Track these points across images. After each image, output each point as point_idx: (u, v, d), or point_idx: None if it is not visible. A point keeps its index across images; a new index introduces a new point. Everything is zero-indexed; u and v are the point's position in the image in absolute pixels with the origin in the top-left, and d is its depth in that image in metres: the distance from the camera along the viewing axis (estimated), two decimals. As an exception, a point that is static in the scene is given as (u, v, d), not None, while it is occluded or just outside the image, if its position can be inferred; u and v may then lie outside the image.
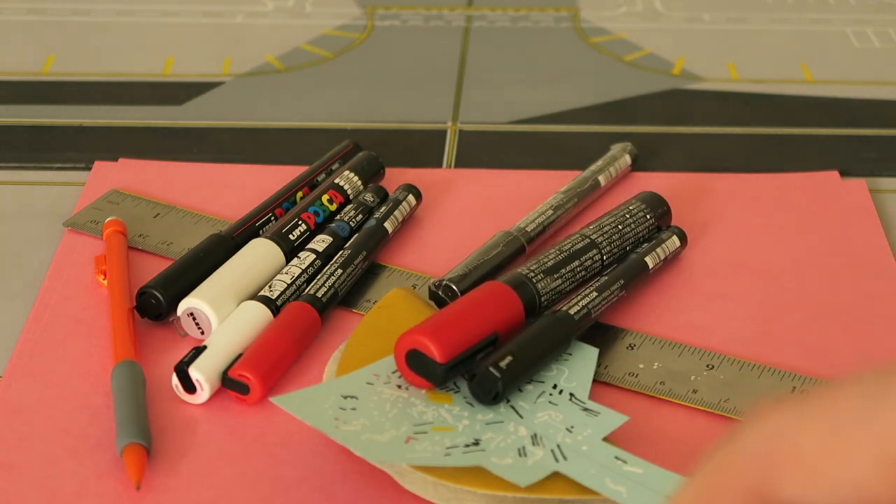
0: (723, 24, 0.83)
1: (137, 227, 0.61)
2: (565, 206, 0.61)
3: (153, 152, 0.68)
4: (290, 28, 0.82)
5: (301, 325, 0.53)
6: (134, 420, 0.49)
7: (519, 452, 0.47)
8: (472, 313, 0.51)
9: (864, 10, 0.84)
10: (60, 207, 0.64)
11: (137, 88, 0.75)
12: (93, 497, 0.47)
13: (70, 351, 0.54)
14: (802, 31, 0.82)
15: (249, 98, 0.74)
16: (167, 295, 0.55)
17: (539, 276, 0.54)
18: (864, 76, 0.76)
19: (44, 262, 0.60)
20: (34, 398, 0.52)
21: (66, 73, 0.77)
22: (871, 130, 0.71)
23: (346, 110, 0.73)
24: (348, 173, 0.62)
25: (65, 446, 0.49)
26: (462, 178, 0.66)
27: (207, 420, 0.51)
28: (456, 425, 0.48)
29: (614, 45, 0.80)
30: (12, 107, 0.73)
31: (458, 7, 0.85)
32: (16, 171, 0.67)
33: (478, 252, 0.57)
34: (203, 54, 0.79)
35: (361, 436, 0.46)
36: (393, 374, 0.50)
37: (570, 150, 0.69)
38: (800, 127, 0.71)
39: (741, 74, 0.77)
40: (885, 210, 0.63)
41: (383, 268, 0.59)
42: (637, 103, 0.74)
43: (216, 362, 0.51)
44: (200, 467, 0.49)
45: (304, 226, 0.59)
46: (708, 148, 0.69)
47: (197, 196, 0.64)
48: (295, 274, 0.56)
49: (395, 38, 0.81)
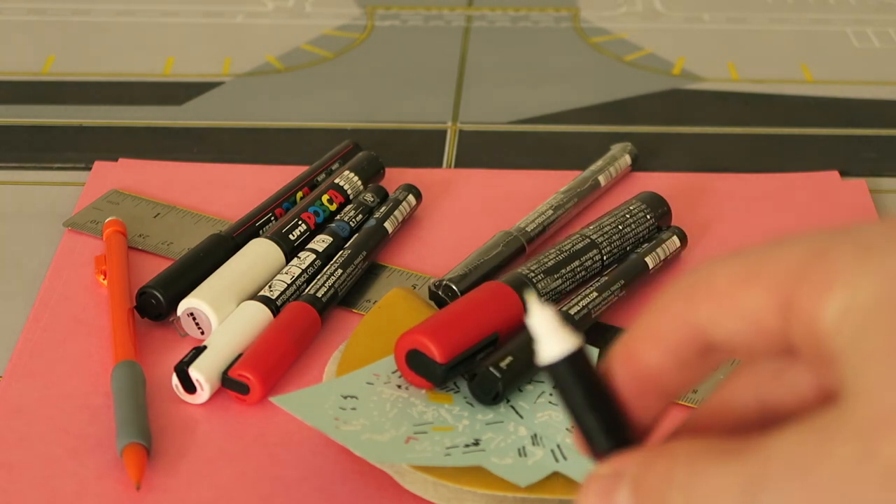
0: (723, 24, 0.83)
1: (137, 227, 0.61)
2: (565, 206, 0.61)
3: (153, 152, 0.68)
4: (290, 28, 0.82)
5: (301, 325, 0.53)
6: (134, 420, 0.49)
7: (519, 452, 0.47)
8: (473, 313, 0.51)
9: (864, 10, 0.84)
10: (60, 207, 0.64)
11: (137, 88, 0.75)
12: (93, 497, 0.47)
13: (70, 351, 0.54)
14: (802, 31, 0.82)
15: (249, 98, 0.74)
16: (167, 295, 0.55)
17: (539, 276, 0.54)
18: (864, 76, 0.76)
19: (44, 262, 0.60)
20: (34, 398, 0.52)
21: (66, 73, 0.77)
22: (871, 130, 0.71)
23: (346, 110, 0.73)
24: (348, 173, 0.62)
25: (65, 446, 0.49)
26: (462, 178, 0.66)
27: (207, 420, 0.51)
28: (456, 425, 0.48)
29: (614, 45, 0.80)
30: (12, 107, 0.73)
31: (458, 7, 0.85)
32: (16, 171, 0.67)
33: (478, 252, 0.57)
34: (203, 54, 0.79)
35: (361, 436, 0.46)
36: (393, 374, 0.50)
37: (570, 150, 0.69)
38: (800, 127, 0.71)
39: (741, 74, 0.77)
40: (885, 210, 0.63)
41: (383, 268, 0.59)
42: (637, 103, 0.74)
43: (216, 362, 0.51)
44: (200, 467, 0.49)
45: (304, 226, 0.59)
46: (708, 148, 0.69)
47: (197, 196, 0.64)
48: (295, 274, 0.56)
49: (395, 38, 0.81)
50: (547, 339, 0.32)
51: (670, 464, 0.31)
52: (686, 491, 0.30)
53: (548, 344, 0.32)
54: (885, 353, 0.28)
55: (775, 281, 0.30)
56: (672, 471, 0.30)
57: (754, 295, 0.30)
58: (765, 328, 0.30)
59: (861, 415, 0.28)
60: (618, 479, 0.32)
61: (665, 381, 0.32)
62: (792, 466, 0.28)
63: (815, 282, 0.29)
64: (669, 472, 0.30)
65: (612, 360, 0.33)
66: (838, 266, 0.29)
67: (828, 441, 0.28)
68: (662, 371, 0.32)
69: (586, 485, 0.32)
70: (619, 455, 0.32)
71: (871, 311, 0.28)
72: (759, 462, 0.29)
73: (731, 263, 0.31)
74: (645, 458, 0.31)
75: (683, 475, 0.30)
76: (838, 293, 0.29)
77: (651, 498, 0.31)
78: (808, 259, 0.29)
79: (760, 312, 0.30)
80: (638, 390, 0.32)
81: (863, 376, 0.28)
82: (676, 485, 0.30)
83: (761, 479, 0.29)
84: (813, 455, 0.28)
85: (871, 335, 0.28)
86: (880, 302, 0.28)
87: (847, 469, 0.28)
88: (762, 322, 0.30)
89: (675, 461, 0.31)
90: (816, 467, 0.28)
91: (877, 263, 0.29)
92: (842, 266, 0.29)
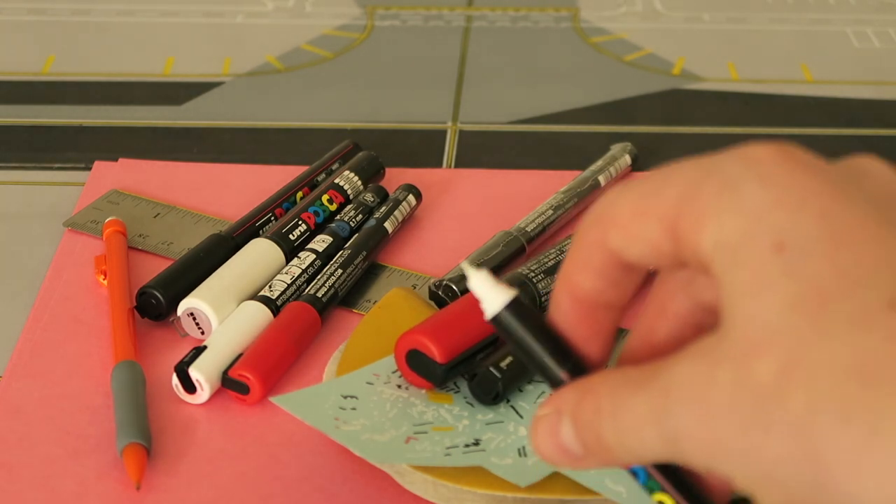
0: (723, 24, 0.83)
1: (137, 227, 0.61)
2: (565, 206, 0.61)
3: (153, 152, 0.68)
4: (290, 28, 0.82)
5: (301, 325, 0.53)
6: (134, 420, 0.49)
7: (519, 452, 0.47)
8: (473, 314, 0.51)
9: (864, 10, 0.84)
10: (60, 207, 0.64)
11: (137, 88, 0.75)
12: (93, 497, 0.47)
13: (70, 351, 0.54)
14: (802, 31, 0.82)
15: (249, 98, 0.74)
16: (167, 295, 0.55)
17: (539, 276, 0.54)
18: (864, 76, 0.76)
19: (44, 262, 0.60)
20: (34, 398, 0.52)
21: (66, 73, 0.77)
22: (871, 130, 0.71)
23: (346, 110, 0.73)
24: (348, 173, 0.62)
25: (65, 446, 0.49)
26: (462, 178, 0.66)
27: (207, 420, 0.51)
28: (456, 425, 0.48)
29: (614, 45, 0.80)
30: (12, 107, 0.73)
31: (458, 7, 0.85)
32: (16, 171, 0.67)
33: (478, 252, 0.57)
34: (203, 54, 0.79)
35: (361, 436, 0.46)
36: (393, 374, 0.50)
37: (570, 150, 0.69)
38: (800, 127, 0.71)
39: (741, 74, 0.77)
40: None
41: (383, 268, 0.59)
42: (637, 103, 0.74)
43: (216, 362, 0.51)
44: (200, 467, 0.49)
45: (304, 226, 0.59)
46: (708, 148, 0.69)
47: (197, 196, 0.64)
48: (295, 274, 0.56)
49: (395, 38, 0.81)
50: (487, 296, 0.36)
51: (596, 398, 0.35)
52: (613, 422, 0.34)
53: (489, 300, 0.36)
54: (750, 285, 0.32)
55: (662, 214, 0.34)
56: (599, 404, 0.35)
57: (649, 226, 0.34)
58: (663, 252, 0.34)
59: (736, 342, 0.32)
60: (559, 416, 0.36)
61: (603, 299, 0.36)
62: (688, 392, 0.33)
63: (690, 216, 0.33)
64: (597, 405, 0.35)
65: (555, 292, 0.36)
66: (706, 202, 0.33)
67: (713, 366, 0.32)
68: (598, 291, 0.36)
69: (534, 425, 0.36)
70: (558, 391, 0.36)
71: (737, 246, 0.32)
72: (661, 389, 0.33)
73: (628, 195, 0.35)
74: (576, 393, 0.35)
75: (609, 407, 0.34)
76: (708, 227, 0.33)
77: (587, 430, 0.35)
78: (685, 193, 0.34)
79: (656, 240, 0.34)
80: (583, 315, 0.36)
81: (736, 306, 0.32)
82: (605, 417, 0.34)
83: (665, 406, 0.33)
84: (702, 381, 0.32)
85: (739, 269, 0.32)
86: (743, 237, 0.32)
87: (730, 391, 0.32)
88: (660, 247, 0.34)
89: (599, 395, 0.35)
90: (707, 392, 0.32)
91: (735, 201, 0.33)
92: (709, 201, 0.33)
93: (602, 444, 0.35)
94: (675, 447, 0.33)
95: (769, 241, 0.32)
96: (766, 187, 0.33)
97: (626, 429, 0.34)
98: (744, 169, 0.33)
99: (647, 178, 0.35)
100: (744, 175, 0.33)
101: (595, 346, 0.37)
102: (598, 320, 0.36)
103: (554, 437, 0.35)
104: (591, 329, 0.36)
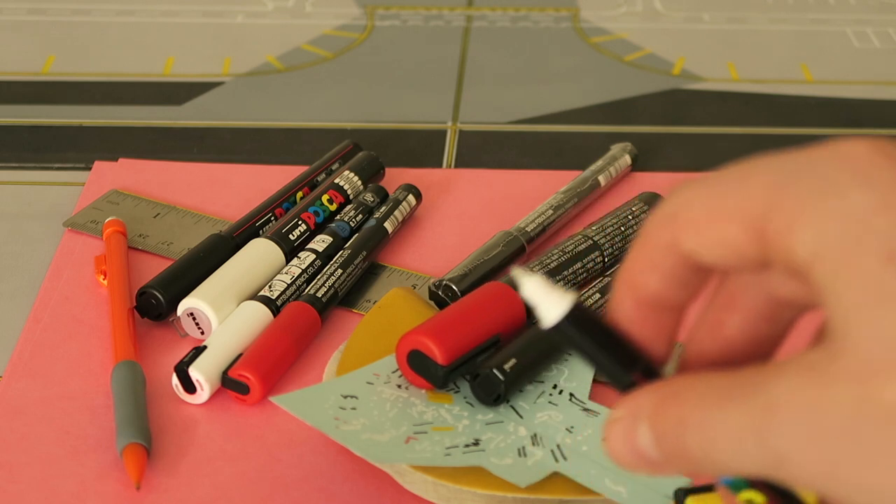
0: (723, 24, 0.83)
1: (137, 227, 0.61)
2: (565, 206, 0.61)
3: (153, 152, 0.68)
4: (290, 28, 0.82)
5: (301, 325, 0.53)
6: (134, 420, 0.49)
7: (519, 452, 0.47)
8: (475, 315, 0.51)
9: (864, 10, 0.84)
10: (60, 207, 0.64)
11: (137, 88, 0.75)
12: (93, 497, 0.47)
13: (70, 351, 0.54)
14: (802, 31, 0.82)
15: (249, 98, 0.74)
16: (167, 295, 0.55)
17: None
18: (864, 76, 0.76)
19: (44, 262, 0.60)
20: (34, 398, 0.52)
21: (66, 73, 0.77)
22: (871, 130, 0.71)
23: (346, 110, 0.73)
24: (348, 173, 0.62)
25: (65, 446, 0.49)
26: (462, 178, 0.66)
27: (207, 420, 0.51)
28: (456, 425, 0.48)
29: (614, 45, 0.80)
30: (12, 107, 0.73)
31: (458, 7, 0.85)
32: (16, 171, 0.67)
33: (478, 252, 0.57)
34: (203, 54, 0.79)
35: (361, 436, 0.46)
36: (393, 374, 0.50)
37: (570, 150, 0.69)
38: (800, 127, 0.71)
39: (741, 74, 0.77)
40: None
41: (383, 268, 0.59)
42: (637, 103, 0.74)
43: (216, 362, 0.51)
44: (200, 467, 0.49)
45: (304, 226, 0.59)
46: (708, 148, 0.69)
47: (197, 196, 0.64)
48: (295, 274, 0.56)
49: (395, 38, 0.81)
50: (544, 303, 0.33)
51: (680, 407, 0.33)
52: (700, 433, 0.32)
53: (546, 308, 0.33)
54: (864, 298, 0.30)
55: (746, 215, 0.32)
56: (683, 413, 0.32)
57: (731, 228, 0.32)
58: (746, 256, 0.32)
59: (857, 360, 0.30)
60: (635, 420, 0.33)
61: (670, 301, 0.35)
62: (797, 412, 0.30)
63: (780, 220, 0.31)
64: (681, 415, 0.33)
65: (617, 293, 0.35)
66: (800, 204, 0.31)
67: (827, 386, 0.30)
68: (665, 292, 0.34)
69: (608, 428, 0.34)
70: (633, 394, 0.34)
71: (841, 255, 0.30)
72: (766, 405, 0.31)
73: (703, 193, 0.33)
74: (654, 398, 0.33)
75: (696, 418, 0.32)
76: (805, 232, 0.31)
77: (669, 439, 0.33)
78: (772, 194, 0.31)
79: (739, 244, 0.32)
80: (646, 316, 0.35)
81: (851, 322, 0.30)
82: (691, 427, 0.32)
83: (769, 425, 0.31)
84: (817, 401, 0.30)
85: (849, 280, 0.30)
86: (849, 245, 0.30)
87: (850, 414, 0.30)
88: (742, 251, 0.32)
89: (685, 403, 0.33)
90: (821, 414, 0.30)
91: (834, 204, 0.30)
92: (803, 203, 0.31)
93: (686, 454, 0.33)
94: (779, 467, 0.31)
95: (879, 250, 0.30)
96: (867, 189, 0.30)
97: (715, 442, 0.32)
98: (839, 169, 0.31)
99: (720, 175, 0.33)
100: (840, 175, 0.31)
101: (658, 348, 0.35)
102: (661, 321, 0.35)
103: (630, 443, 0.34)
104: (655, 330, 0.35)
